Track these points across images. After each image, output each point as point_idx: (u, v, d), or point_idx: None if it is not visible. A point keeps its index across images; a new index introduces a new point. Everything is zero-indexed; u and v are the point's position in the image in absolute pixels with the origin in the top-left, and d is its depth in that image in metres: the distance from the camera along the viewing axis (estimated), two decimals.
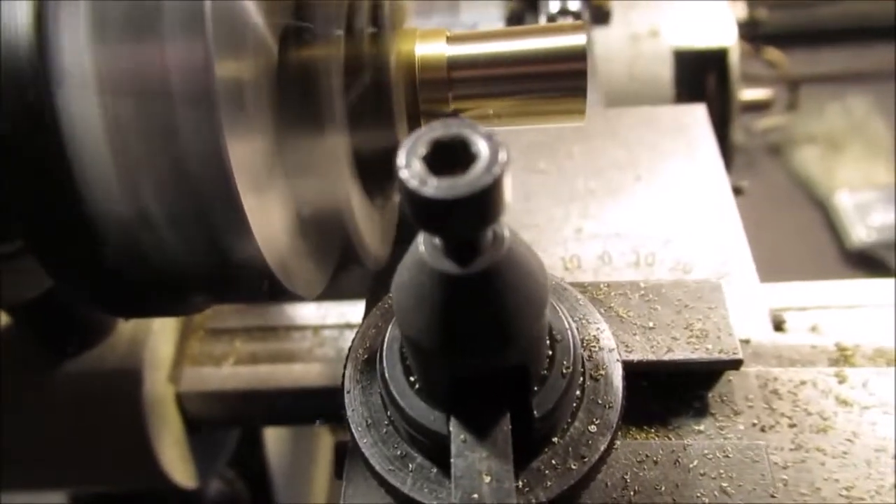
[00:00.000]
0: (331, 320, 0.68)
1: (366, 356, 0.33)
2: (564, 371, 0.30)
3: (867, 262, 1.74)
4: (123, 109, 0.29)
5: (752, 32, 1.23)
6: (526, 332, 0.27)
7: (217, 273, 0.35)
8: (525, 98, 0.39)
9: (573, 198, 0.57)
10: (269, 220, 0.34)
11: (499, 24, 0.93)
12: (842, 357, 0.43)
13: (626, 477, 0.33)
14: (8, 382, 0.60)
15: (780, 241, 1.77)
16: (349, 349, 0.34)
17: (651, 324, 0.36)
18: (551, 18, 0.75)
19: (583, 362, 0.32)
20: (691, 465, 0.33)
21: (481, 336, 0.27)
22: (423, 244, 0.26)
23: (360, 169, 0.38)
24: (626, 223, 0.55)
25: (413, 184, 0.23)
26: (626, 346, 0.35)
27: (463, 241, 0.25)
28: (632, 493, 0.32)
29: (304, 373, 0.65)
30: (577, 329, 0.32)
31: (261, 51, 0.33)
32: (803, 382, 0.39)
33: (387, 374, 0.30)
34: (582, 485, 0.29)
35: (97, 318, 0.57)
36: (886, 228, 1.74)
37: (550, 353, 0.30)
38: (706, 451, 0.34)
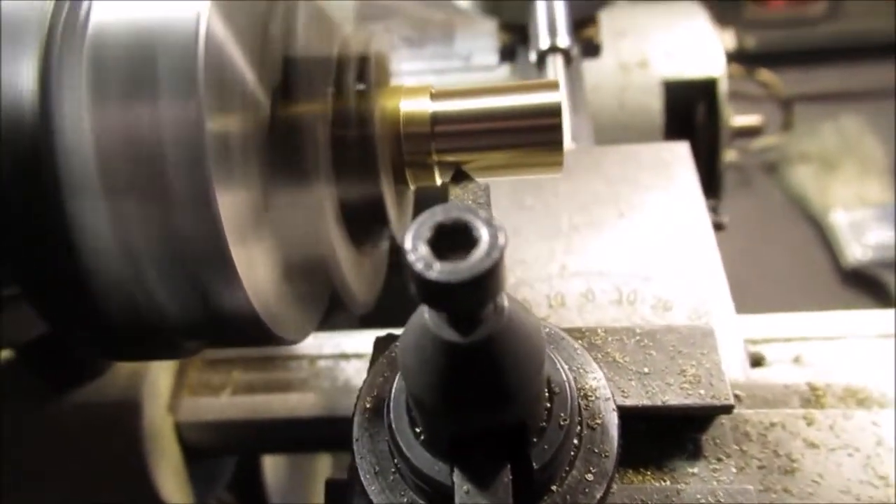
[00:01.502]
0: (327, 350, 0.69)
1: (373, 405, 0.34)
2: (562, 423, 0.31)
3: (863, 281, 1.75)
4: (118, 166, 0.31)
5: (741, 58, 1.25)
6: (524, 392, 0.29)
7: (207, 321, 0.36)
8: (505, 151, 0.41)
9: (558, 234, 0.59)
10: (257, 270, 0.36)
11: (492, 56, 0.95)
12: (813, 397, 0.44)
13: None
14: (8, 413, 0.62)
15: (775, 260, 1.78)
16: (357, 397, 0.35)
17: (646, 369, 0.38)
18: (541, 55, 0.77)
19: (580, 412, 0.33)
20: None
21: (481, 398, 0.28)
22: (426, 313, 0.28)
23: (347, 218, 0.40)
24: (609, 260, 0.57)
25: (419, 267, 0.25)
26: (623, 391, 0.37)
27: (465, 315, 0.27)
28: None
29: (300, 402, 0.66)
30: (575, 379, 0.34)
31: (252, 106, 0.35)
32: (773, 424, 0.41)
33: (393, 425, 0.32)
34: None
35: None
36: (882, 247, 1.75)
37: (549, 405, 0.32)
38: (699, 496, 0.35)
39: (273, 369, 0.69)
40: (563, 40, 0.75)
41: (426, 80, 0.42)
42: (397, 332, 0.37)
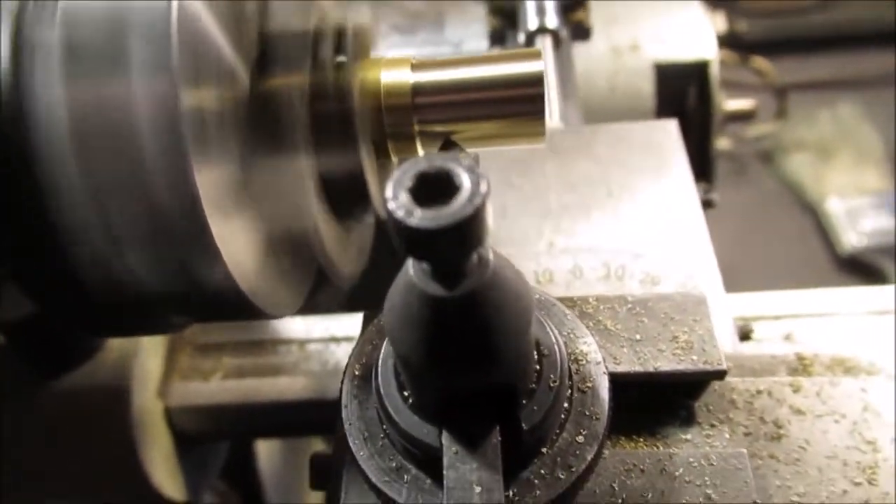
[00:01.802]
0: (316, 334, 0.69)
1: (362, 372, 0.34)
2: (552, 385, 0.31)
3: (858, 268, 1.75)
4: (92, 139, 0.31)
5: (732, 44, 1.25)
6: (511, 349, 0.29)
7: (190, 296, 0.36)
8: (486, 122, 0.40)
9: (547, 213, 0.59)
10: (238, 244, 0.35)
11: (482, 41, 0.95)
12: (801, 366, 0.44)
13: (614, 485, 0.34)
14: None
15: (772, 248, 1.78)
16: (346, 365, 0.35)
17: (638, 336, 0.38)
18: (529, 36, 0.77)
19: (570, 375, 0.33)
20: (677, 473, 0.34)
21: (468, 355, 0.28)
22: (411, 268, 0.28)
23: (328, 192, 0.40)
24: (597, 238, 0.56)
25: (400, 214, 0.24)
26: (615, 358, 0.37)
27: (449, 265, 0.27)
28: (619, 500, 0.34)
29: (290, 386, 0.66)
30: (565, 343, 0.34)
31: (228, 80, 0.35)
32: (759, 392, 0.41)
33: (382, 390, 0.32)
34: (570, 493, 0.31)
35: (85, 336, 0.58)
36: (877, 234, 1.75)
37: (538, 367, 0.32)
38: (691, 459, 0.35)
39: (263, 353, 0.68)
40: (552, 21, 0.75)
41: None
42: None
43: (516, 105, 0.40)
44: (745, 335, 0.53)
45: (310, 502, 0.98)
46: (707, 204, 0.68)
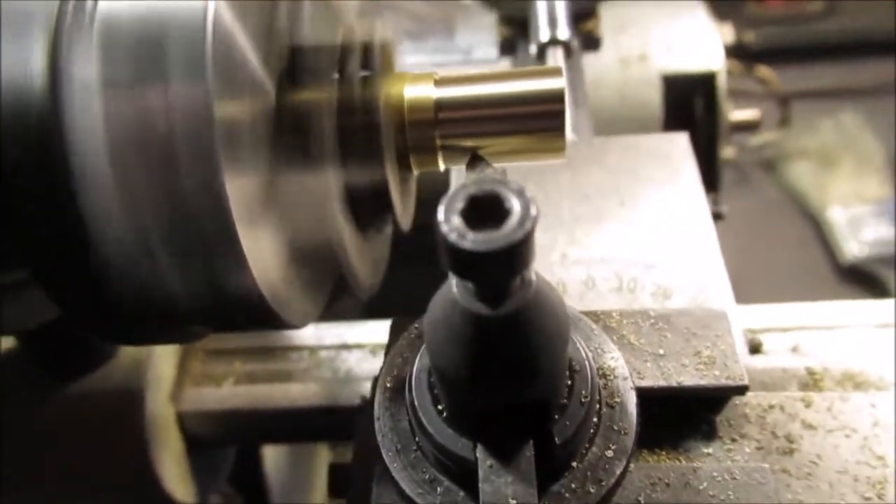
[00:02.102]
0: (328, 341, 0.70)
1: (393, 384, 0.35)
2: (583, 400, 0.32)
3: (860, 277, 1.76)
4: (128, 150, 0.32)
5: (738, 54, 1.26)
6: (550, 368, 0.29)
7: (214, 304, 0.37)
8: (508, 137, 0.41)
9: (560, 224, 0.60)
10: (263, 253, 0.36)
11: (492, 49, 0.95)
12: (811, 381, 0.45)
13: (639, 499, 0.35)
14: (11, 402, 0.63)
15: (773, 256, 1.79)
16: (377, 377, 0.36)
17: (661, 351, 0.38)
18: (541, 47, 0.77)
19: (599, 391, 0.34)
20: (701, 487, 0.35)
21: (509, 373, 0.29)
22: (455, 286, 0.28)
23: (352, 203, 0.41)
24: (610, 249, 0.57)
25: (453, 238, 0.25)
26: (639, 372, 0.37)
27: (495, 286, 0.27)
28: None
29: (301, 392, 0.67)
30: (593, 358, 0.34)
31: (258, 92, 0.36)
32: (771, 406, 0.41)
33: (416, 403, 0.32)
34: None
35: (101, 342, 0.59)
36: (879, 243, 1.76)
37: (570, 382, 0.32)
38: (715, 474, 0.35)
39: (275, 360, 0.69)
40: (564, 33, 0.75)
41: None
42: (413, 316, 0.38)
43: (537, 121, 0.40)
44: (754, 348, 0.54)
45: None
46: (717, 216, 0.69)
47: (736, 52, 1.15)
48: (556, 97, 0.40)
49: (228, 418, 0.67)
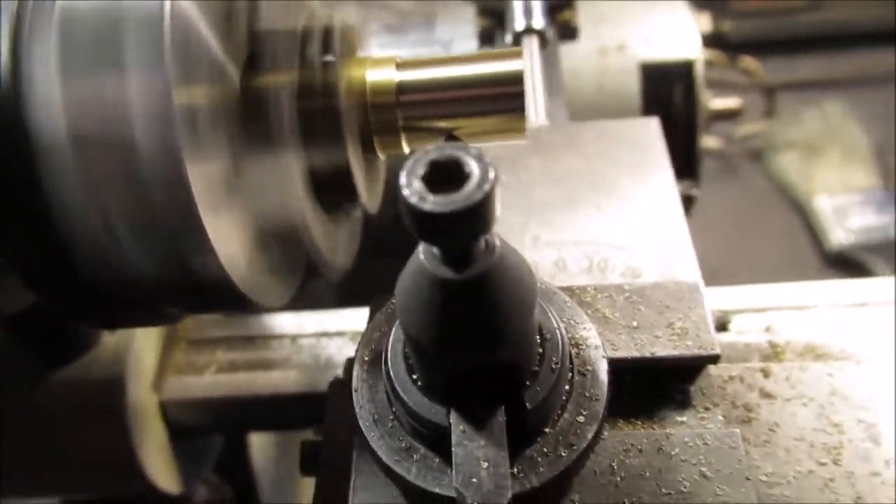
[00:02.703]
0: (308, 329, 0.71)
1: (371, 357, 0.36)
2: (554, 367, 0.33)
3: (846, 264, 1.77)
4: (88, 134, 0.32)
5: (720, 44, 1.27)
6: (516, 330, 0.30)
7: (183, 287, 0.38)
8: (469, 119, 0.42)
9: (532, 207, 0.60)
10: (229, 237, 0.37)
11: (472, 41, 0.96)
12: (773, 353, 0.46)
13: (612, 464, 0.36)
14: None
15: (761, 245, 1.81)
16: (356, 350, 0.37)
17: (635, 323, 0.39)
18: (516, 36, 0.78)
19: (571, 359, 0.34)
20: (673, 453, 0.36)
21: (475, 336, 0.29)
22: (422, 253, 0.29)
23: (317, 187, 0.42)
24: (581, 231, 0.58)
25: (414, 200, 0.26)
26: (613, 344, 0.38)
27: (458, 250, 0.28)
28: (618, 478, 0.35)
29: (282, 380, 0.68)
30: (566, 329, 0.35)
31: (220, 78, 0.36)
32: (732, 377, 0.42)
33: (391, 373, 0.33)
34: (572, 471, 0.32)
35: (82, 329, 0.59)
36: (864, 231, 1.78)
37: (541, 350, 0.33)
38: (686, 440, 0.36)
39: (256, 348, 0.70)
40: (538, 22, 0.76)
41: None
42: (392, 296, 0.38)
43: (498, 102, 0.41)
44: (721, 326, 0.55)
45: (301, 496, 1.00)
46: (689, 199, 0.70)
47: (716, 42, 1.16)
48: (516, 79, 0.41)
49: (211, 406, 0.68)
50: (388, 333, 0.35)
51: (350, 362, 0.51)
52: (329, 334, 0.70)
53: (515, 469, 0.31)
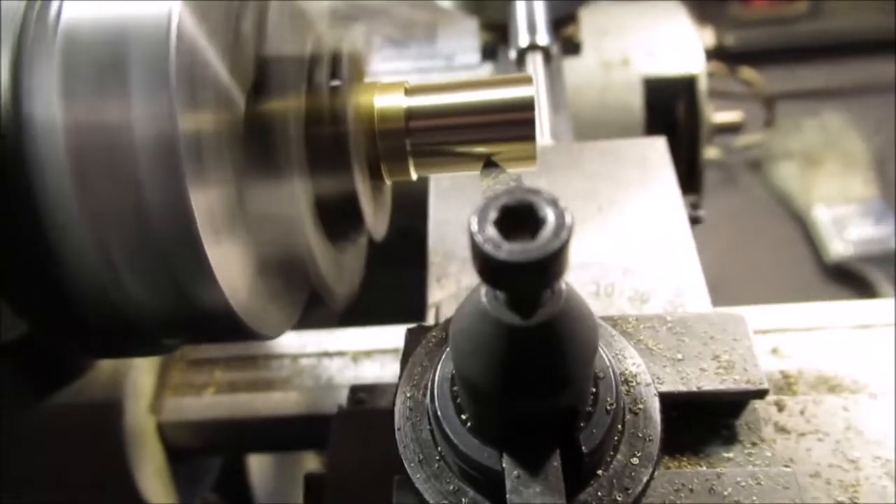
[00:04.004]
0: (309, 349, 0.70)
1: (413, 394, 0.34)
2: (608, 408, 0.32)
3: (845, 276, 1.77)
4: (89, 161, 0.31)
5: (720, 55, 1.27)
6: (580, 375, 0.29)
7: (184, 318, 0.37)
8: (479, 145, 0.41)
9: None
10: (232, 266, 0.36)
11: (474, 55, 0.95)
12: (785, 384, 0.45)
13: None
14: None
15: (760, 256, 1.80)
16: (396, 387, 0.35)
17: (679, 356, 0.38)
18: (520, 52, 0.78)
19: (623, 397, 0.33)
20: (725, 493, 0.34)
21: (538, 382, 0.28)
22: (484, 296, 0.28)
23: (322, 214, 0.41)
24: (587, 254, 0.57)
25: (487, 248, 0.25)
26: (658, 378, 0.37)
27: (528, 296, 0.27)
28: None
29: (283, 401, 0.66)
30: (615, 364, 0.34)
31: (225, 104, 0.35)
32: None
33: (439, 413, 0.32)
34: None
35: (77, 355, 0.58)
36: (864, 242, 1.77)
37: (594, 390, 0.32)
38: (739, 479, 0.35)
39: (255, 368, 0.69)
40: (543, 38, 0.75)
41: (410, 78, 0.42)
42: (427, 324, 0.37)
43: (508, 129, 0.40)
44: None
45: None
46: (695, 221, 0.69)
47: (718, 54, 1.15)
48: (527, 105, 0.40)
49: (209, 428, 0.66)
50: (431, 369, 0.34)
51: (354, 391, 0.51)
52: (330, 354, 0.69)
53: None
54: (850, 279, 1.76)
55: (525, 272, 0.25)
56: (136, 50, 0.31)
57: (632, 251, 0.57)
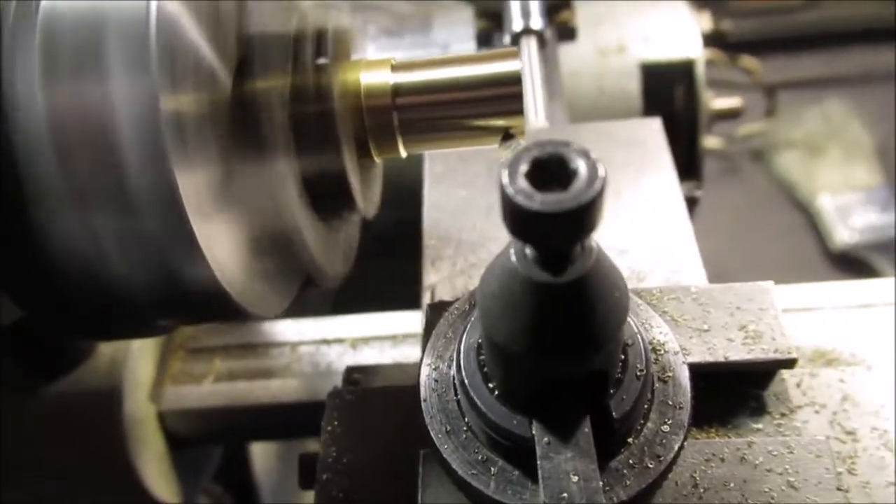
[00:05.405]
0: (308, 336, 0.70)
1: (437, 365, 0.34)
2: (638, 374, 0.31)
3: (850, 263, 1.76)
4: (72, 143, 0.31)
5: (720, 44, 1.26)
6: (612, 335, 0.29)
7: (175, 298, 0.37)
8: (467, 121, 0.41)
9: None
10: (221, 245, 0.36)
11: (469, 43, 0.95)
12: None
13: (694, 475, 0.34)
14: None
15: (764, 245, 1.79)
16: (420, 360, 0.35)
17: (706, 326, 0.38)
18: (515, 37, 0.77)
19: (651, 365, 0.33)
20: (757, 462, 0.34)
21: (572, 343, 0.28)
22: (513, 255, 0.28)
23: (311, 192, 0.41)
24: None
25: (520, 199, 0.24)
26: (684, 349, 0.36)
27: (557, 251, 0.27)
28: (702, 490, 0.33)
29: (282, 388, 0.67)
30: (643, 332, 0.34)
31: (209, 84, 0.35)
32: None
33: (466, 382, 0.32)
34: (658, 483, 0.31)
35: (76, 342, 0.59)
36: (867, 230, 1.76)
37: (623, 356, 0.32)
38: (770, 448, 0.34)
39: (255, 356, 0.69)
40: (537, 22, 0.75)
41: None
42: (449, 300, 0.37)
43: (495, 104, 0.40)
44: None
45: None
46: (692, 201, 0.69)
47: (717, 41, 1.14)
48: (513, 79, 0.40)
49: (209, 416, 0.66)
50: (455, 340, 0.33)
51: (349, 371, 0.50)
52: (329, 341, 0.69)
53: (602, 482, 0.29)
54: (855, 266, 1.74)
55: (559, 223, 0.24)
56: (116, 28, 0.31)
57: (627, 231, 0.57)
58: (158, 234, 0.33)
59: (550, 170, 0.25)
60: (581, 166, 0.25)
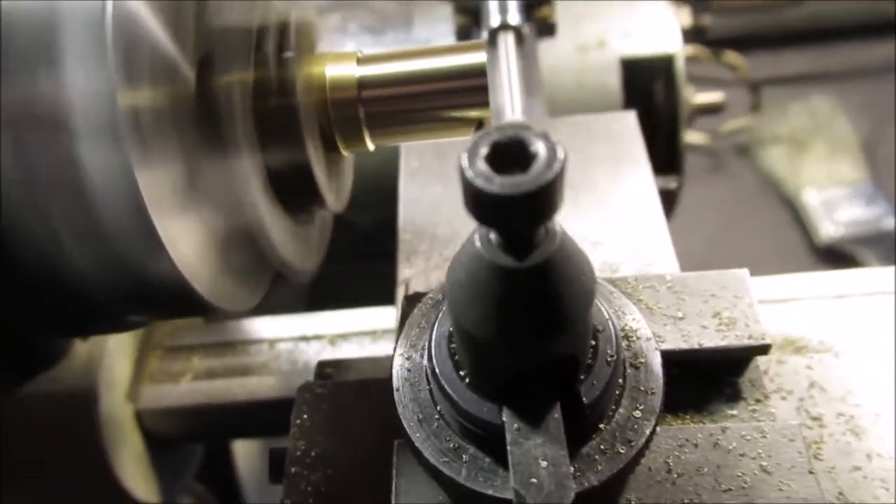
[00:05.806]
0: (286, 333, 0.70)
1: (410, 355, 0.34)
2: (609, 359, 0.31)
3: (836, 257, 1.77)
4: (27, 139, 0.31)
5: (703, 40, 1.26)
6: (578, 321, 0.29)
7: (140, 294, 0.36)
8: (433, 113, 0.41)
9: None
10: (185, 241, 0.36)
11: (450, 39, 0.95)
12: None
13: (668, 461, 0.34)
14: None
15: (750, 240, 1.80)
16: (394, 349, 0.35)
17: (680, 314, 0.38)
18: (492, 32, 0.77)
19: (623, 351, 0.33)
20: (730, 447, 0.34)
21: (538, 327, 0.28)
22: (478, 241, 0.28)
23: (277, 188, 0.40)
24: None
25: (479, 183, 0.24)
26: (658, 336, 0.36)
27: (520, 236, 0.27)
28: (675, 475, 0.34)
29: (260, 385, 0.66)
30: (615, 319, 0.34)
31: (170, 77, 0.35)
32: None
33: (437, 371, 0.32)
34: (630, 468, 0.31)
35: (49, 342, 0.58)
36: (853, 224, 1.77)
37: (594, 342, 0.32)
38: (744, 433, 0.34)
39: (233, 354, 0.69)
40: (514, 17, 0.75)
41: None
42: (424, 291, 0.37)
43: (461, 96, 0.40)
44: None
45: None
46: (668, 193, 0.69)
47: (700, 37, 1.15)
48: (478, 72, 0.40)
49: (187, 414, 0.66)
50: (428, 329, 0.33)
51: (321, 365, 0.50)
52: (308, 338, 0.69)
53: (573, 468, 0.29)
54: (840, 260, 1.75)
55: (518, 206, 0.24)
56: (71, 21, 0.31)
57: (601, 223, 0.57)
58: (119, 230, 0.33)
59: (510, 153, 0.25)
60: (541, 149, 0.25)
